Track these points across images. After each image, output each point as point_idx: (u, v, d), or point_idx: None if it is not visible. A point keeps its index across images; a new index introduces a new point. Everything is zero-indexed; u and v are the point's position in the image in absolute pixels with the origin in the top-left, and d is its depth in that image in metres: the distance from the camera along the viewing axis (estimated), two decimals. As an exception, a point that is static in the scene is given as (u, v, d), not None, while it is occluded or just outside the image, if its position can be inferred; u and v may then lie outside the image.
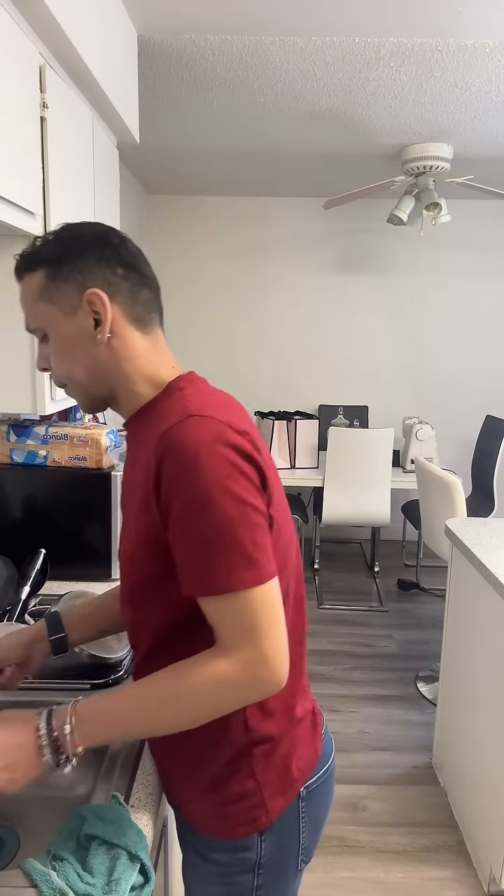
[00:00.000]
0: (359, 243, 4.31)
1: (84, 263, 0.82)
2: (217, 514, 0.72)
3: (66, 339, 0.84)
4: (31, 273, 0.84)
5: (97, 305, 0.83)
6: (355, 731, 2.49)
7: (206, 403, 0.79)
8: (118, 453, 1.70)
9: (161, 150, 3.25)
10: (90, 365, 0.84)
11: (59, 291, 0.82)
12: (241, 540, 0.73)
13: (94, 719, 0.76)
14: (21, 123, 1.14)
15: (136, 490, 0.82)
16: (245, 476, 0.75)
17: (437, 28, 1.95)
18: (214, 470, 0.72)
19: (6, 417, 1.71)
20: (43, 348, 0.87)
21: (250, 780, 0.85)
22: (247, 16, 1.89)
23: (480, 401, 4.47)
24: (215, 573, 0.73)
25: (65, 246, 0.83)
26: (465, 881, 1.84)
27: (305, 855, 0.93)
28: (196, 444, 0.73)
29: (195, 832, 0.90)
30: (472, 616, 2.00)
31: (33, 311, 0.85)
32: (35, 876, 0.74)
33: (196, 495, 0.72)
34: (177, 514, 0.74)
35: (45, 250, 0.84)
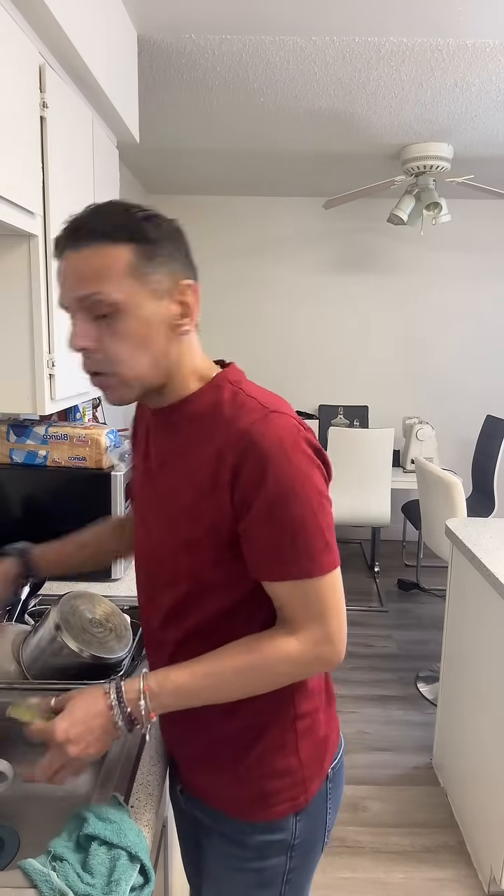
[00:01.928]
0: (359, 243, 4.31)
1: (178, 251, 0.82)
2: (302, 502, 0.78)
3: (143, 323, 0.79)
4: (114, 245, 0.78)
5: (188, 296, 0.83)
6: (355, 732, 2.49)
7: (274, 401, 0.83)
8: (118, 453, 1.70)
9: (161, 150, 3.25)
10: (158, 354, 0.81)
11: (153, 273, 0.79)
12: (321, 526, 0.79)
13: (170, 693, 0.81)
14: (21, 123, 1.14)
15: (189, 479, 0.83)
16: (319, 469, 0.81)
17: (438, 27, 1.95)
18: (298, 462, 0.78)
19: (6, 417, 1.71)
20: (93, 328, 0.79)
21: (293, 758, 0.89)
22: (247, 15, 1.89)
23: (480, 401, 4.47)
24: (298, 559, 0.79)
25: (161, 230, 0.81)
26: (466, 881, 1.84)
27: (327, 837, 0.97)
28: (280, 438, 0.78)
29: (228, 818, 0.91)
30: (472, 616, 1.99)
31: (115, 284, 0.77)
32: (35, 876, 0.74)
33: (282, 485, 0.77)
34: (260, 504, 0.77)
35: (138, 228, 0.80)
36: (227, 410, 0.82)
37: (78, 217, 0.80)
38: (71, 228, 0.79)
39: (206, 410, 0.84)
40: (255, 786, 0.88)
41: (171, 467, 0.87)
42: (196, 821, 0.96)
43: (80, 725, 0.79)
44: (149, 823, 0.86)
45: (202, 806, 0.94)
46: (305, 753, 0.90)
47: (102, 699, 0.80)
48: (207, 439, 0.82)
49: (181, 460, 0.85)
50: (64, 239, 0.80)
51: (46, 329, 1.32)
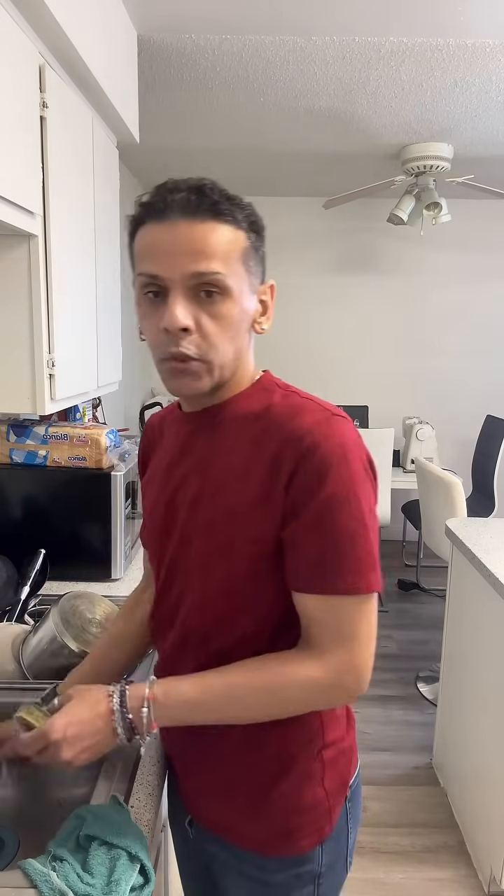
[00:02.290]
0: (359, 243, 4.31)
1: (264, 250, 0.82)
2: (354, 514, 0.74)
3: (240, 313, 0.77)
4: (236, 227, 0.76)
5: (268, 295, 0.83)
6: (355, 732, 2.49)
7: (329, 405, 0.80)
8: (118, 453, 1.70)
9: (161, 150, 3.24)
10: (241, 348, 0.80)
11: (255, 266, 0.79)
12: (371, 542, 0.75)
13: (176, 705, 0.77)
14: (21, 123, 1.14)
15: (237, 481, 0.78)
16: (371, 481, 0.78)
17: (438, 27, 1.95)
18: (356, 471, 0.75)
19: (6, 417, 1.71)
20: (193, 308, 0.74)
21: (320, 789, 0.84)
22: (247, 15, 1.89)
23: (480, 401, 4.46)
24: (342, 572, 0.74)
25: (262, 224, 0.81)
26: (466, 882, 1.84)
27: (351, 857, 0.93)
28: (343, 443, 0.75)
29: (248, 855, 0.85)
30: (472, 616, 1.99)
31: (232, 268, 0.75)
32: (35, 876, 0.73)
33: (339, 492, 0.73)
34: (313, 510, 0.73)
35: (254, 216, 0.79)
36: (283, 410, 0.78)
37: (193, 185, 0.74)
38: (191, 194, 0.73)
39: (258, 411, 0.80)
40: (279, 821, 0.83)
41: (214, 468, 0.81)
42: (210, 856, 0.91)
43: (77, 726, 0.75)
44: (149, 824, 0.86)
45: (219, 840, 0.88)
46: (331, 783, 0.85)
47: (105, 702, 0.77)
48: (259, 440, 0.78)
49: (228, 459, 0.80)
50: (177, 204, 0.73)
51: (46, 329, 1.32)
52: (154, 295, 0.76)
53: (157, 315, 0.76)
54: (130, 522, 1.72)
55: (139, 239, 0.77)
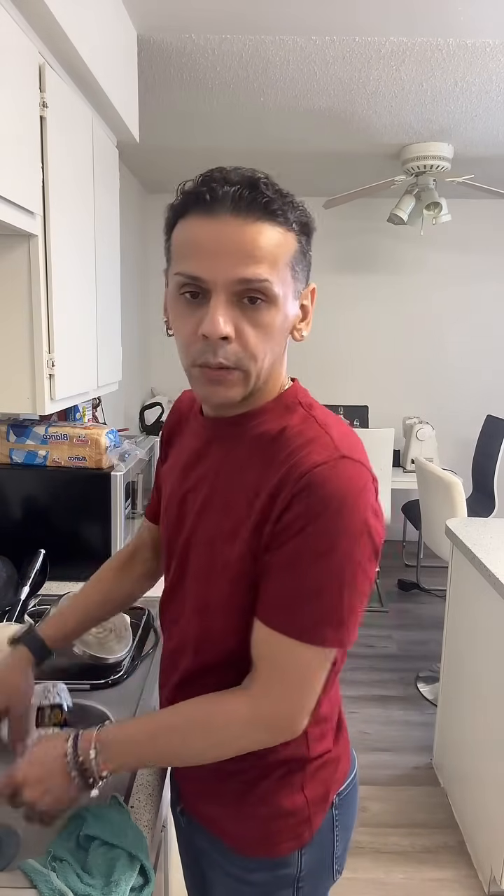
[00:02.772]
0: (359, 243, 4.31)
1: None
2: (333, 567, 0.69)
3: (283, 321, 0.73)
4: (287, 230, 0.71)
5: (309, 300, 0.79)
6: (356, 732, 2.49)
7: (349, 439, 0.74)
8: (118, 453, 1.70)
9: (161, 150, 3.24)
10: (278, 356, 0.75)
11: (301, 271, 0.75)
12: (341, 601, 0.70)
13: (117, 747, 0.77)
14: (21, 123, 1.14)
15: (240, 503, 0.76)
16: (371, 539, 0.71)
17: (438, 27, 1.95)
18: (350, 526, 0.69)
19: (6, 417, 1.71)
20: (234, 314, 0.70)
21: (300, 796, 0.84)
22: (247, 15, 1.89)
23: (481, 401, 4.46)
24: (301, 617, 0.71)
25: (314, 226, 0.75)
26: (466, 882, 1.84)
27: (339, 865, 0.92)
28: (344, 492, 0.69)
29: (229, 852, 0.87)
30: (472, 616, 1.99)
31: (280, 275, 0.70)
32: (34, 876, 0.73)
33: (322, 543, 0.69)
34: (290, 550, 0.70)
35: (306, 217, 0.73)
36: (297, 440, 0.73)
37: (247, 179, 0.68)
38: (244, 189, 0.67)
39: (274, 432, 0.76)
40: (259, 824, 0.84)
41: (224, 482, 0.79)
42: (199, 849, 0.93)
43: (38, 767, 0.76)
44: (149, 824, 0.86)
45: (205, 833, 0.90)
46: (312, 791, 0.84)
47: (62, 745, 0.77)
48: (269, 464, 0.74)
49: (238, 477, 0.77)
50: (228, 199, 0.67)
51: (46, 329, 1.32)
52: (192, 296, 0.71)
53: (194, 318, 0.71)
54: (130, 522, 1.72)
55: (180, 231, 0.71)
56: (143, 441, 2.03)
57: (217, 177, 0.69)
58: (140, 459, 1.83)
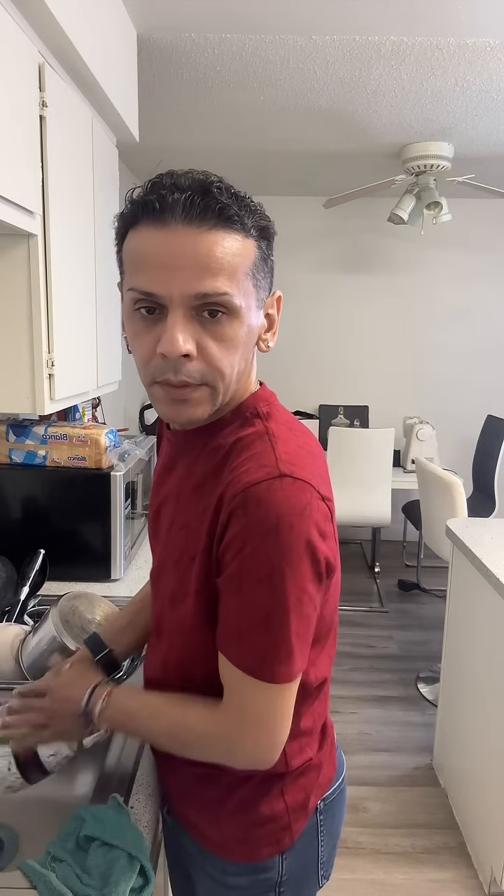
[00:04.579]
0: (359, 242, 4.31)
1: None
2: (275, 593, 0.66)
3: (245, 334, 0.69)
4: (245, 237, 0.67)
5: (275, 308, 0.76)
6: (356, 733, 2.49)
7: (296, 455, 0.70)
8: (118, 453, 1.70)
9: (161, 150, 3.24)
10: (240, 369, 0.71)
11: (263, 278, 0.70)
12: (287, 630, 0.67)
13: (117, 711, 0.81)
14: (20, 122, 1.14)
15: (190, 507, 0.75)
16: (313, 559, 0.67)
17: (438, 27, 1.95)
18: (290, 547, 0.65)
19: (5, 417, 1.71)
20: (195, 330, 0.66)
21: (279, 802, 0.83)
22: (247, 14, 1.88)
23: (481, 401, 4.46)
24: (251, 650, 0.69)
25: (273, 229, 0.71)
26: (466, 882, 1.84)
27: (325, 870, 0.91)
28: (279, 512, 0.65)
29: (210, 855, 0.87)
30: (472, 617, 1.99)
31: (240, 286, 0.66)
32: (34, 877, 0.73)
33: (262, 566, 0.65)
34: (233, 573, 0.68)
35: (265, 222, 0.69)
36: (242, 454, 0.70)
37: (198, 183, 0.64)
38: (195, 195, 0.63)
39: (227, 446, 0.73)
40: (238, 829, 0.83)
41: (185, 499, 0.77)
42: (183, 850, 0.93)
43: (59, 696, 0.83)
44: (148, 825, 0.85)
45: (187, 835, 0.90)
46: (293, 797, 0.84)
47: (82, 689, 0.82)
48: (218, 481, 0.71)
49: (195, 495, 0.75)
50: (179, 206, 0.63)
51: (46, 329, 1.32)
52: (147, 311, 0.67)
53: (151, 335, 0.67)
54: (130, 522, 1.72)
55: (130, 243, 0.67)
56: (143, 441, 2.02)
57: (166, 183, 0.64)
58: (140, 459, 1.82)
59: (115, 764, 0.95)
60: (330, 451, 3.46)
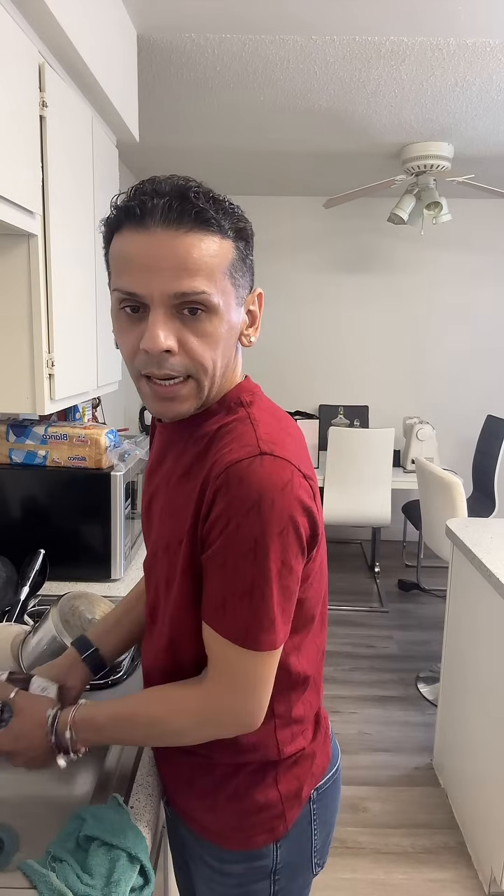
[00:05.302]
0: (359, 242, 4.31)
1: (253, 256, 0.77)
2: (258, 566, 0.69)
3: (227, 329, 0.73)
4: (223, 238, 0.70)
5: (256, 305, 0.79)
6: (356, 732, 2.49)
7: (277, 436, 0.74)
8: (118, 453, 1.70)
9: (161, 150, 3.24)
10: (223, 363, 0.75)
11: (242, 277, 0.74)
12: (270, 600, 0.71)
13: (92, 731, 0.80)
14: (20, 122, 1.14)
15: (177, 493, 0.78)
16: (296, 533, 0.71)
17: (438, 27, 1.95)
18: (271, 521, 0.68)
19: (5, 417, 1.71)
20: (176, 326, 0.70)
21: (273, 791, 0.85)
22: (247, 14, 1.89)
23: (481, 401, 4.46)
24: (235, 620, 0.71)
25: (251, 230, 0.75)
26: (466, 882, 1.84)
27: (319, 858, 0.93)
28: (261, 488, 0.68)
29: (207, 844, 0.88)
30: (472, 617, 1.99)
31: (218, 285, 0.70)
32: (34, 877, 0.73)
33: (244, 540, 0.69)
34: (218, 548, 0.71)
35: (242, 223, 0.73)
36: (224, 438, 0.74)
37: (176, 189, 0.68)
38: (173, 200, 0.67)
39: (212, 433, 0.77)
40: (232, 817, 0.85)
41: (173, 487, 0.81)
42: (181, 839, 0.94)
43: (23, 740, 0.81)
44: (148, 824, 0.85)
45: (184, 824, 0.92)
46: (286, 786, 0.86)
47: (42, 722, 0.81)
48: (204, 465, 0.75)
49: (183, 482, 0.79)
50: (158, 211, 0.67)
51: (46, 329, 1.32)
52: (132, 310, 0.71)
53: (135, 332, 0.72)
54: (130, 522, 1.72)
55: (115, 246, 0.72)
56: (143, 441, 2.02)
57: (147, 189, 0.69)
58: (140, 459, 1.82)
59: (115, 764, 0.95)
60: (330, 451, 3.46)
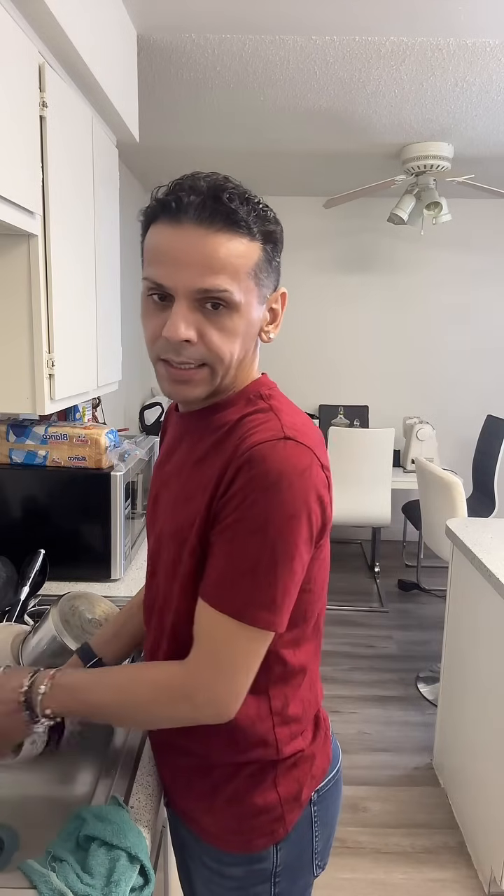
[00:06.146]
0: (359, 243, 4.31)
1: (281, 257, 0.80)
2: (268, 545, 0.70)
3: (247, 324, 0.76)
4: (251, 240, 0.73)
5: (279, 304, 0.82)
6: (356, 732, 2.49)
7: (299, 426, 0.76)
8: (118, 453, 1.70)
9: (161, 150, 3.24)
10: (240, 356, 0.78)
11: (266, 277, 0.77)
12: (275, 581, 0.71)
13: (64, 689, 0.79)
14: (20, 123, 1.14)
15: (192, 479, 0.80)
16: (309, 521, 0.72)
17: (438, 27, 1.95)
18: (287, 503, 0.70)
19: (5, 417, 1.71)
20: (197, 318, 0.73)
21: (272, 793, 0.85)
22: (247, 15, 1.89)
23: (481, 401, 4.46)
24: (235, 595, 0.72)
25: (281, 231, 0.78)
26: (466, 882, 1.84)
27: (320, 860, 0.92)
28: (281, 470, 0.70)
29: (207, 846, 0.88)
30: (472, 616, 1.99)
31: (242, 284, 0.73)
32: (34, 877, 0.73)
33: (258, 517, 0.70)
34: (230, 523, 0.72)
35: (272, 227, 0.76)
36: (248, 424, 0.77)
37: (212, 189, 0.71)
38: (208, 199, 0.70)
39: (232, 422, 0.79)
40: (232, 820, 0.85)
41: (188, 476, 0.82)
42: (182, 840, 0.94)
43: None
44: (148, 824, 0.86)
45: (184, 826, 0.91)
46: (286, 788, 0.85)
47: (24, 676, 0.80)
48: (223, 451, 0.77)
49: (199, 469, 0.80)
50: (192, 208, 0.70)
51: (46, 329, 1.32)
52: (159, 297, 0.75)
53: (159, 318, 0.75)
54: (130, 522, 1.72)
55: (150, 237, 0.75)
56: (143, 441, 2.02)
57: (186, 185, 0.72)
58: (140, 459, 1.83)
59: (115, 764, 0.95)
60: (330, 451, 3.46)
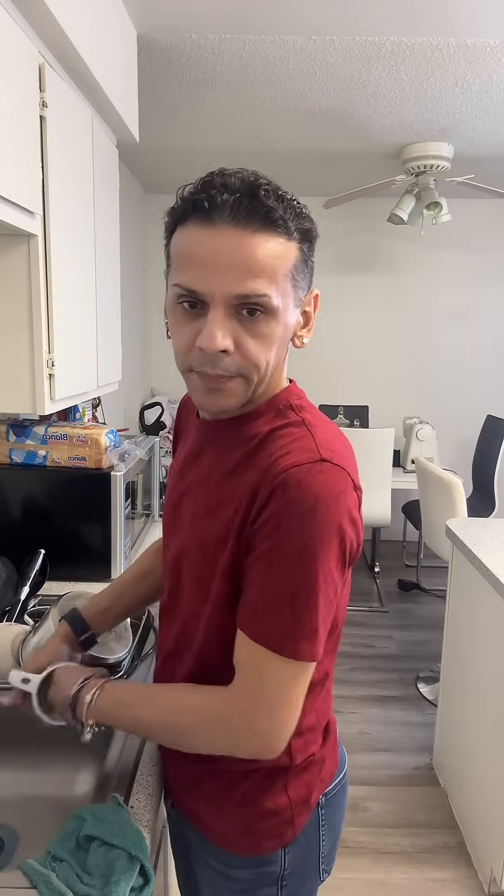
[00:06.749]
0: (359, 243, 4.31)
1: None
2: (305, 572, 0.68)
3: (283, 330, 0.72)
4: (288, 240, 0.69)
5: (312, 307, 0.78)
6: (356, 732, 2.49)
7: (333, 444, 0.73)
8: (117, 453, 1.70)
9: (161, 150, 3.24)
10: (274, 363, 0.74)
11: (302, 279, 0.74)
12: (314, 607, 0.69)
13: (110, 703, 0.79)
14: (21, 123, 1.14)
15: (227, 506, 0.76)
16: (342, 544, 0.70)
17: (438, 27, 1.95)
18: (323, 528, 0.67)
19: (5, 417, 1.71)
20: (233, 326, 0.69)
21: (283, 797, 0.84)
22: (246, 15, 1.89)
23: (481, 401, 4.46)
24: (274, 626, 0.69)
25: (316, 231, 0.74)
26: (466, 882, 1.84)
27: (326, 864, 0.92)
28: (318, 495, 0.67)
29: (213, 847, 0.87)
30: (472, 616, 1.99)
31: (279, 287, 0.69)
32: (34, 877, 0.73)
33: (293, 544, 0.67)
34: (265, 550, 0.69)
35: (308, 225, 0.72)
36: (280, 441, 0.73)
37: (247, 186, 0.66)
38: (244, 198, 0.66)
39: (262, 435, 0.76)
40: (241, 823, 0.84)
41: (214, 486, 0.79)
42: (187, 842, 0.93)
43: (55, 690, 0.83)
44: (148, 824, 0.86)
45: (191, 827, 0.90)
46: (296, 792, 0.85)
47: (78, 677, 0.82)
48: (254, 466, 0.73)
49: (226, 481, 0.77)
50: (227, 208, 0.66)
51: (46, 329, 1.32)
52: (190, 305, 0.70)
53: (191, 327, 0.70)
54: (130, 522, 1.72)
55: (178, 239, 0.70)
56: (143, 441, 2.02)
57: (217, 182, 0.67)
58: (140, 459, 1.82)
59: (115, 763, 0.95)
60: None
